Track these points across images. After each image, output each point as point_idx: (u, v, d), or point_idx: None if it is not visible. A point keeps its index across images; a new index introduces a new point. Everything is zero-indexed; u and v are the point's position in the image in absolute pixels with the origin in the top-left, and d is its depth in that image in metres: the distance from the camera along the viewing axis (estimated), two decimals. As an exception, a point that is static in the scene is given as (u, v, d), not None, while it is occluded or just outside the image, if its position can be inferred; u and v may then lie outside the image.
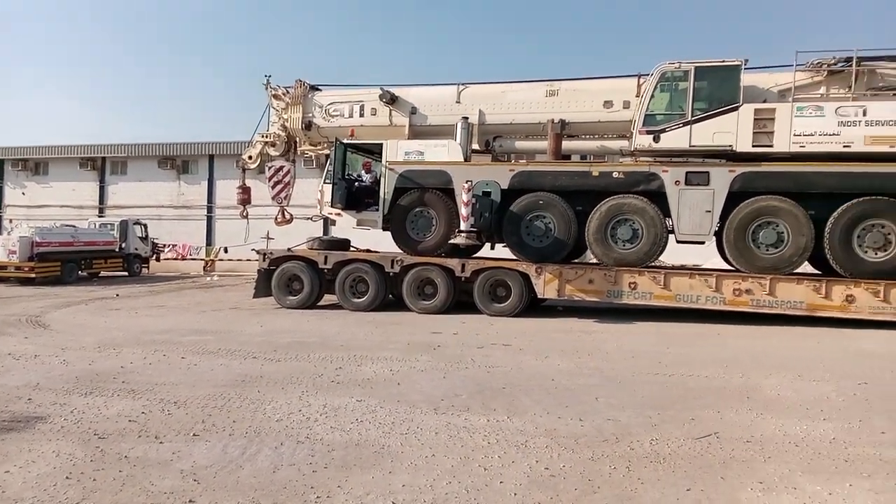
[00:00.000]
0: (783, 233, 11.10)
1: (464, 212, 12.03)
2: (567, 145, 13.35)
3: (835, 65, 11.27)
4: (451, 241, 12.51)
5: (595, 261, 12.69)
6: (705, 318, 11.57)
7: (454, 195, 12.71)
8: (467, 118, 13.30)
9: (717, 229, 11.68)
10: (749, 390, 6.46)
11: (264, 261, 13.69)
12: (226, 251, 25.67)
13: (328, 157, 14.28)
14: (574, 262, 13.77)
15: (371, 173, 14.25)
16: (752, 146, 11.14)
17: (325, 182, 13.87)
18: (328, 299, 13.72)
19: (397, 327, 10.98)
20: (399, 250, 13.55)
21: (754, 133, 11.10)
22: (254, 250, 14.28)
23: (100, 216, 30.35)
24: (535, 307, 12.98)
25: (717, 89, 11.48)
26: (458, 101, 13.77)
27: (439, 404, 5.84)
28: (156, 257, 25.75)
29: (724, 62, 11.35)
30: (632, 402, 5.97)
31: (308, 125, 14.82)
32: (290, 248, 13.95)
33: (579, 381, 6.85)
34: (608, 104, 12.77)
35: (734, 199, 11.34)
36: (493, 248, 14.20)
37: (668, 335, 10.24)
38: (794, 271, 11.31)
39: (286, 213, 15.06)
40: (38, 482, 3.98)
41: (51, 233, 20.68)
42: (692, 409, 5.75)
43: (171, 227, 30.38)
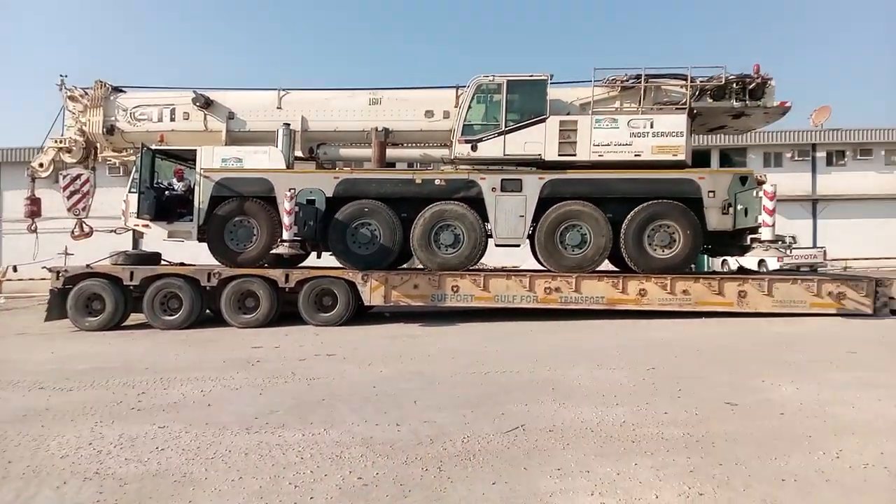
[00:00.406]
0: (586, 234, 12.10)
1: (287, 220, 11.69)
2: (391, 153, 13.51)
3: (627, 81, 12.53)
4: (274, 251, 12.10)
5: (420, 266, 12.96)
6: (522, 316, 12.25)
7: (276, 204, 12.33)
8: (289, 125, 12.97)
9: (530, 232, 12.43)
10: (555, 382, 6.91)
11: (58, 279, 12.26)
12: (15, 270, 22.64)
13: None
14: (400, 268, 13.95)
15: (184, 181, 13.38)
16: (559, 155, 12.03)
17: (130, 191, 12.74)
18: (136, 318, 12.62)
19: (213, 344, 10.37)
20: (217, 262, 12.86)
21: (560, 143, 12.00)
22: (45, 268, 12.73)
23: None
24: (362, 315, 12.93)
25: (527, 102, 12.24)
26: (279, 107, 13.38)
27: (252, 423, 5.58)
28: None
29: (532, 76, 12.16)
30: (449, 403, 6.12)
31: (110, 129, 13.60)
32: (89, 265, 12.64)
33: (400, 386, 6.91)
34: (429, 114, 13.13)
35: (544, 204, 12.16)
36: (319, 257, 13.98)
37: (488, 334, 10.69)
38: (596, 269, 12.34)
39: (84, 225, 13.69)
40: None
41: None
42: (503, 404, 6.03)
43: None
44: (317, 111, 13.38)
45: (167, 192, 13.21)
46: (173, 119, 13.54)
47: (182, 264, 13.46)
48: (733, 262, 21.98)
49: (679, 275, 12.01)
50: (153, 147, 12.91)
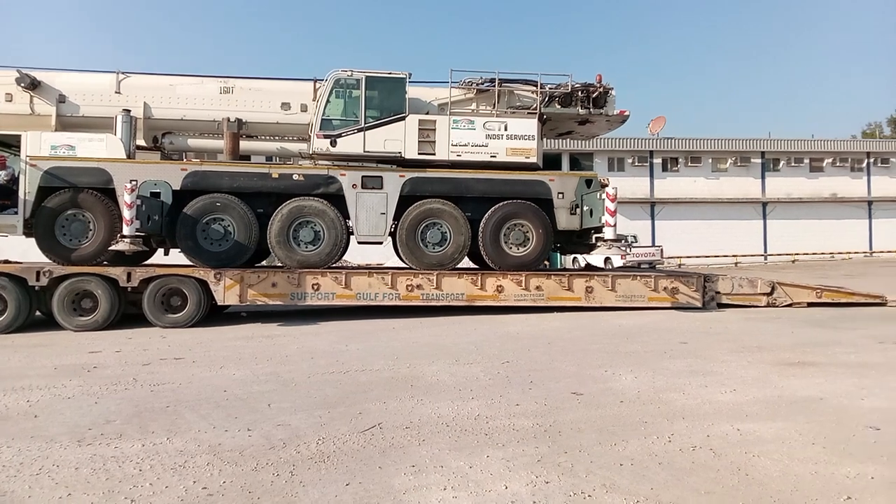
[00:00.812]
0: (446, 232, 12.32)
1: (127, 215, 10.77)
2: (246, 145, 12.94)
3: (482, 84, 12.92)
4: (114, 248, 11.12)
5: (279, 264, 12.54)
6: (384, 313, 12.24)
7: (116, 196, 11.36)
8: (129, 111, 11.99)
9: (392, 230, 12.44)
10: (414, 379, 6.96)
11: None
12: None
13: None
14: (258, 266, 13.42)
15: (7, 170, 11.99)
16: (418, 154, 12.15)
17: (-63, 180, 11.19)
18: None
19: (44, 349, 9.36)
20: (47, 259, 11.64)
21: (419, 142, 12.13)
22: None
23: None
24: (217, 315, 12.29)
25: (387, 99, 12.24)
26: (118, 92, 12.34)
27: (85, 435, 5.08)
28: None
29: (391, 74, 12.17)
30: (305, 404, 5.95)
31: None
32: None
33: (254, 389, 6.62)
34: (286, 106, 12.72)
35: (405, 202, 12.23)
36: (166, 254, 13.10)
37: (349, 333, 10.56)
38: (457, 267, 12.62)
39: None
40: None
41: None
42: (361, 403, 5.96)
43: None
44: (161, 98, 12.50)
45: (-15, 182, 11.75)
46: (-6, 100, 12.08)
47: (6, 262, 12.03)
48: (582, 260, 23.42)
49: (533, 272, 12.58)
50: (-34, 131, 11.42)
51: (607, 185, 12.35)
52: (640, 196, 36.71)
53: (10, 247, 14.10)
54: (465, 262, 13.13)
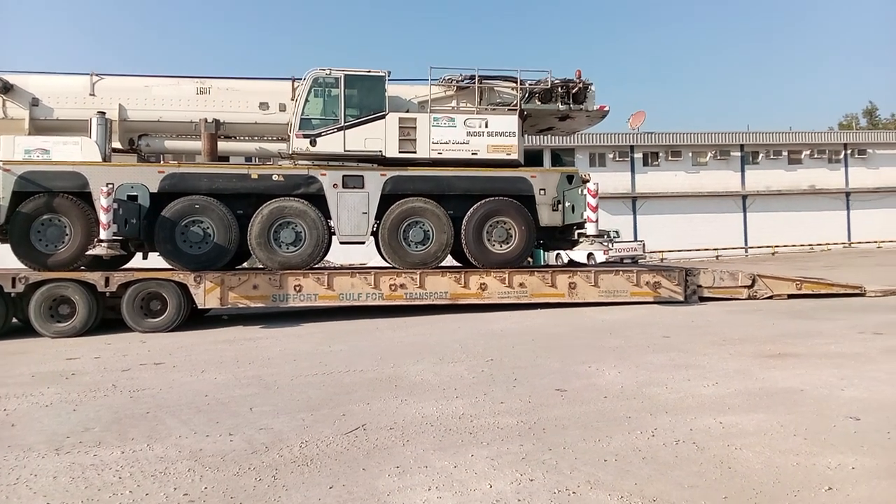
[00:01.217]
0: (429, 231, 12.28)
1: (104, 219, 10.63)
2: (224, 146, 12.81)
3: (462, 81, 12.88)
4: (91, 253, 10.96)
5: (261, 266, 12.42)
6: (367, 313, 12.18)
7: (92, 200, 11.18)
8: (104, 113, 11.80)
9: (374, 229, 12.37)
10: (397, 378, 6.92)
11: None
12: None
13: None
14: (238, 268, 13.29)
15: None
16: (399, 152, 12.09)
17: None
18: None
19: (21, 357, 9.20)
20: (23, 265, 11.43)
21: (400, 140, 12.07)
22: None
23: None
24: (198, 319, 12.15)
25: (366, 98, 12.16)
26: (92, 94, 12.14)
27: (63, 443, 4.99)
28: None
29: (370, 72, 12.09)
30: (288, 407, 5.89)
31: None
32: None
33: (235, 393, 6.54)
34: (264, 106, 12.59)
35: (387, 201, 12.16)
36: (145, 257, 12.93)
37: (333, 334, 10.49)
38: (440, 265, 12.58)
39: None
40: None
41: None
42: (345, 404, 5.91)
43: None
44: (136, 99, 12.31)
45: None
46: (-36, 104, 11.84)
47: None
48: (565, 256, 23.49)
49: (516, 269, 12.58)
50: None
51: (588, 181, 12.37)
52: (621, 191, 36.90)
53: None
54: (449, 261, 13.08)
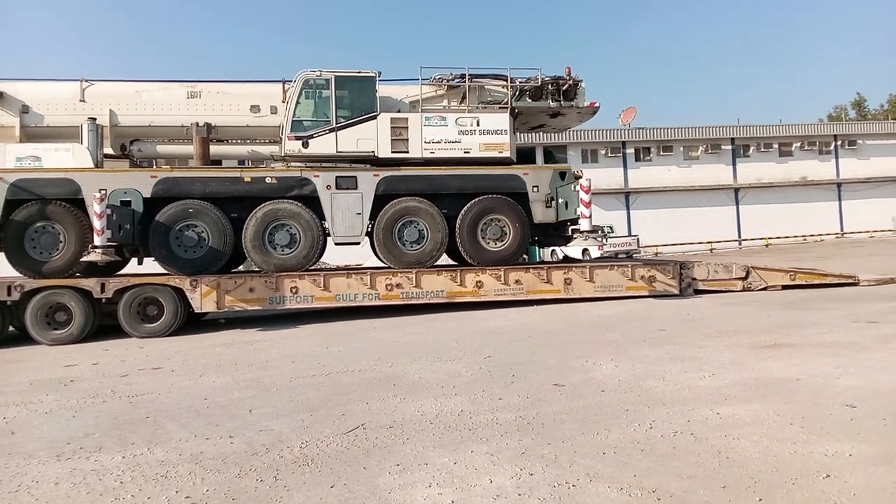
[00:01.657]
0: (423, 230, 12.30)
1: (98, 225, 10.57)
2: (217, 150, 12.80)
3: (452, 80, 12.90)
4: (86, 259, 10.92)
5: (256, 268, 12.42)
6: (364, 314, 12.19)
7: (85, 206, 11.16)
8: (95, 119, 11.78)
9: (368, 230, 12.38)
10: (396, 378, 6.93)
11: None
12: None
13: None
14: (234, 271, 13.28)
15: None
16: (392, 152, 12.10)
17: None
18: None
19: (19, 365, 9.17)
20: (18, 274, 11.40)
21: (392, 140, 12.08)
22: None
23: None
24: (195, 323, 12.14)
25: (357, 98, 12.17)
26: (82, 100, 12.12)
27: (64, 449, 4.99)
28: None
29: (360, 72, 12.10)
30: (287, 409, 5.90)
31: None
32: None
33: (234, 396, 6.55)
34: (255, 108, 12.59)
35: (380, 201, 12.18)
36: (140, 263, 12.88)
37: (330, 335, 10.50)
38: (435, 264, 12.60)
39: None
40: None
41: None
42: (344, 404, 5.92)
43: None
44: (127, 104, 12.30)
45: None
46: (-46, 112, 11.80)
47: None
48: (560, 252, 23.54)
49: (511, 266, 12.61)
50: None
51: (581, 177, 12.41)
52: (614, 186, 37.00)
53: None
54: (444, 259, 13.11)
